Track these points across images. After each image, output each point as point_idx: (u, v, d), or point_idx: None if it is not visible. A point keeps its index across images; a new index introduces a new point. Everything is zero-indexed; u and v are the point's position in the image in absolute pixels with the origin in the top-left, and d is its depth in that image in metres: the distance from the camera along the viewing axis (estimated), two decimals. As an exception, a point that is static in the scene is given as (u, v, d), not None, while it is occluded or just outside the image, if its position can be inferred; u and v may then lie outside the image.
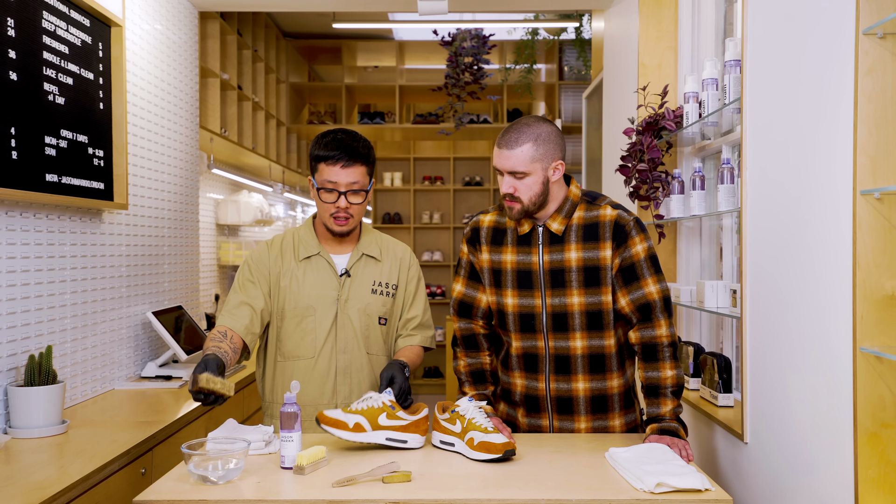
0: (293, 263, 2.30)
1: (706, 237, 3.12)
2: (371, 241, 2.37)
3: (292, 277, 2.29)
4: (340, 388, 2.28)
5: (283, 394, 2.26)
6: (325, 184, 2.21)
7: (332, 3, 4.47)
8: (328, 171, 2.20)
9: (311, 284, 2.28)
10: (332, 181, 2.20)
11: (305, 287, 2.28)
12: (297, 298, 2.27)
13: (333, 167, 2.19)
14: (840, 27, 1.70)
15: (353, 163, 2.20)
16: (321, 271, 2.30)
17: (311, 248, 2.31)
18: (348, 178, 2.20)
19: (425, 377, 7.91)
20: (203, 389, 1.86)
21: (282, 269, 2.30)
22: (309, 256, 2.31)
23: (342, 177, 2.20)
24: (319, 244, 2.32)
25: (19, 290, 2.42)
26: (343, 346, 2.28)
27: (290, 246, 2.33)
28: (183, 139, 3.82)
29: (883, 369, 1.63)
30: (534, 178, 2.07)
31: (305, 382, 2.26)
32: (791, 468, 1.99)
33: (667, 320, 2.11)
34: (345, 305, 2.28)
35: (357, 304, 2.29)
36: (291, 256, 2.31)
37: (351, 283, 2.30)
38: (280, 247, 2.33)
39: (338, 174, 2.19)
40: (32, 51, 2.43)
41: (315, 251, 2.31)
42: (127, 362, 3.18)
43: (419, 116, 7.34)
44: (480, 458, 1.92)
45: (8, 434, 2.28)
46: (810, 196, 1.88)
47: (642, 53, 3.39)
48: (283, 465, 1.87)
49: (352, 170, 2.20)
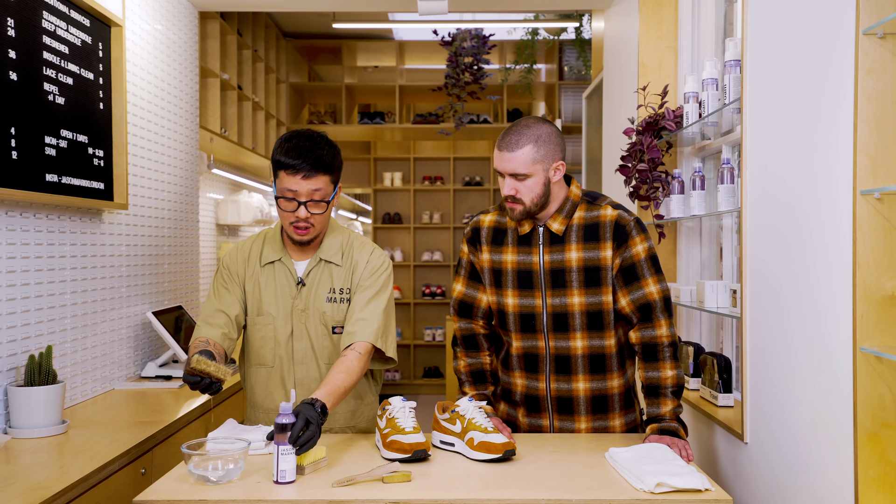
0: (257, 268, 2.22)
1: (706, 237, 3.12)
2: (334, 245, 2.22)
3: (255, 283, 2.22)
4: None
5: (259, 398, 2.24)
6: (284, 192, 2.07)
7: (332, 3, 4.47)
8: (288, 181, 2.05)
9: (270, 291, 2.20)
10: (292, 190, 2.06)
11: (266, 294, 2.20)
12: (259, 306, 2.20)
13: (294, 177, 2.04)
14: (840, 27, 1.70)
15: (316, 173, 2.05)
16: (280, 278, 2.20)
17: (275, 253, 2.21)
18: (310, 187, 2.06)
19: (425, 377, 7.91)
20: (195, 370, 1.82)
21: (247, 273, 2.23)
22: (271, 262, 2.21)
23: (303, 186, 2.05)
24: (283, 249, 2.22)
25: (19, 290, 2.42)
26: (301, 358, 2.19)
27: (257, 250, 2.25)
28: (183, 139, 3.82)
29: (883, 369, 1.63)
30: (535, 179, 2.06)
31: (269, 390, 2.21)
32: (791, 468, 1.99)
33: (667, 320, 2.11)
34: (301, 315, 2.18)
35: (314, 313, 2.18)
36: (256, 261, 2.23)
37: (307, 291, 2.19)
38: (249, 250, 2.25)
39: (298, 184, 2.05)
40: (32, 51, 2.43)
41: (277, 257, 2.21)
42: (127, 362, 3.18)
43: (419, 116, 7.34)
44: (480, 458, 1.92)
45: (8, 434, 2.28)
46: (810, 196, 1.88)
47: (642, 53, 3.39)
48: (280, 479, 1.73)
49: (313, 180, 2.05)
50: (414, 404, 2.03)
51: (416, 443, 1.89)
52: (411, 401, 2.05)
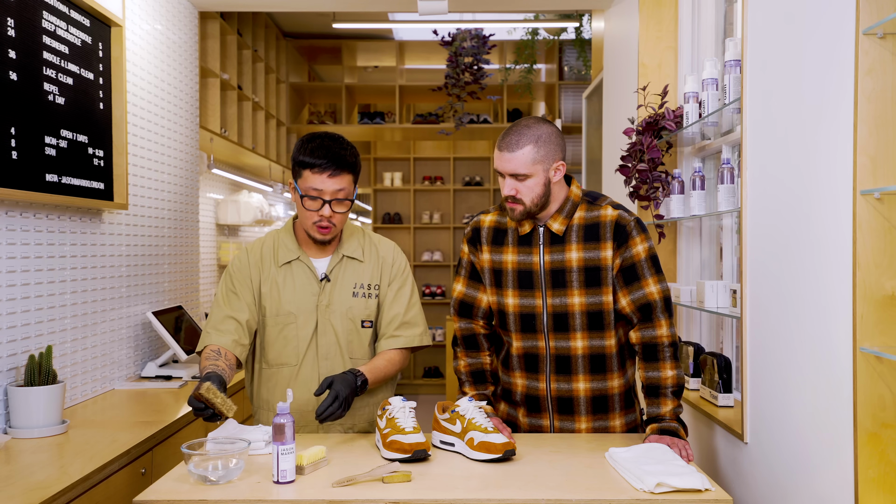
0: (273, 269, 2.24)
1: (706, 237, 3.12)
2: (354, 242, 2.29)
3: (273, 284, 2.23)
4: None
5: (268, 400, 2.24)
6: (309, 191, 2.11)
7: (332, 3, 4.47)
8: (314, 179, 2.10)
9: (291, 290, 2.22)
10: (318, 189, 2.11)
11: (286, 293, 2.22)
12: (278, 305, 2.22)
13: (320, 175, 2.10)
14: (840, 27, 1.70)
15: (340, 172, 2.11)
16: (301, 277, 2.23)
17: (291, 252, 2.24)
18: (335, 186, 2.11)
19: (425, 377, 7.91)
20: (202, 397, 1.82)
21: (262, 275, 2.24)
22: (289, 262, 2.24)
23: (329, 185, 2.11)
24: (300, 248, 2.25)
25: (19, 290, 2.42)
26: (325, 353, 2.21)
27: (270, 251, 2.26)
28: (183, 139, 3.82)
29: (883, 369, 1.63)
30: (535, 179, 2.06)
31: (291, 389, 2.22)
32: (791, 468, 1.99)
33: (667, 320, 2.11)
34: (326, 311, 2.21)
35: (339, 308, 2.22)
36: (272, 262, 2.24)
37: (331, 287, 2.23)
38: (260, 252, 2.27)
39: (324, 182, 2.10)
40: (32, 51, 2.43)
41: (294, 256, 2.24)
42: (127, 362, 3.18)
43: (419, 116, 7.34)
44: (480, 458, 1.92)
45: (8, 434, 2.28)
46: (810, 196, 1.88)
47: (642, 53, 3.39)
48: (280, 479, 1.74)
49: (338, 178, 2.11)
50: (414, 404, 2.03)
51: (416, 443, 1.89)
52: (411, 401, 2.05)
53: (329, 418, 1.96)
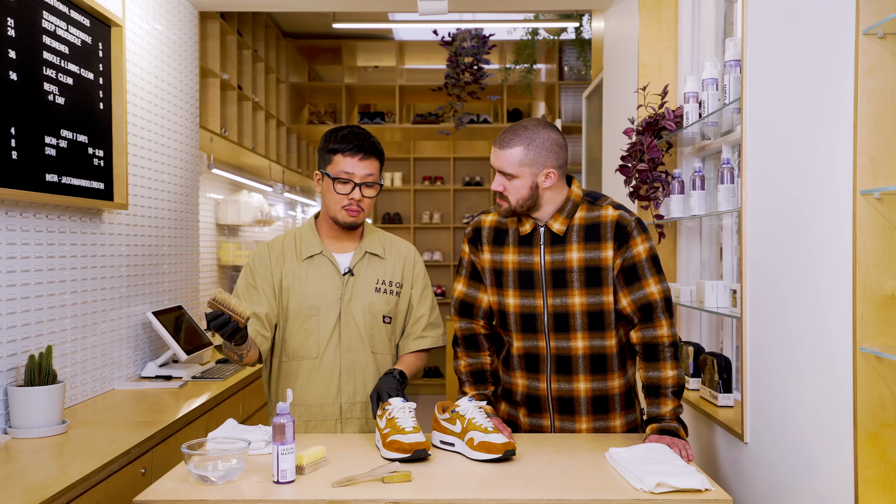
0: (295, 263, 2.29)
1: (706, 237, 3.12)
2: (374, 240, 2.36)
3: (295, 278, 2.28)
4: (345, 387, 2.27)
5: (299, 392, 2.26)
6: (340, 174, 2.21)
7: (332, 3, 4.47)
8: (345, 163, 2.21)
9: (314, 284, 2.28)
10: (349, 172, 2.21)
11: (308, 287, 2.27)
12: (301, 299, 2.27)
13: (352, 158, 2.20)
14: (840, 27, 1.70)
15: (370, 156, 2.22)
16: (324, 271, 2.29)
17: (314, 247, 2.30)
18: (365, 171, 2.21)
19: (425, 377, 7.91)
20: (216, 304, 1.86)
21: (283, 269, 2.29)
22: (311, 256, 2.30)
23: (359, 168, 2.21)
24: (322, 243, 2.31)
25: (19, 290, 2.42)
26: (347, 346, 2.27)
27: (291, 246, 2.32)
28: (183, 139, 3.82)
29: (883, 369, 1.63)
30: (521, 181, 2.07)
31: (310, 382, 2.26)
32: (791, 468, 1.99)
33: (668, 320, 2.11)
34: (348, 304, 2.27)
35: (361, 302, 2.28)
36: (293, 256, 2.30)
37: (354, 281, 2.29)
38: (281, 247, 2.33)
39: (355, 166, 2.21)
40: (32, 51, 2.43)
41: (318, 250, 2.30)
42: (127, 362, 3.18)
43: (419, 116, 7.34)
44: (480, 458, 1.91)
45: (8, 434, 2.28)
46: (810, 196, 1.88)
47: (642, 53, 3.39)
48: (280, 479, 1.74)
49: (368, 162, 2.22)
50: (414, 404, 2.04)
51: (416, 443, 1.89)
52: (411, 401, 2.05)
53: None
